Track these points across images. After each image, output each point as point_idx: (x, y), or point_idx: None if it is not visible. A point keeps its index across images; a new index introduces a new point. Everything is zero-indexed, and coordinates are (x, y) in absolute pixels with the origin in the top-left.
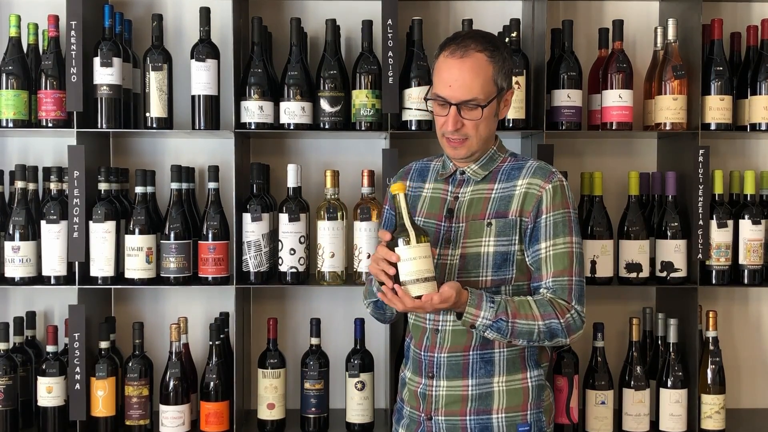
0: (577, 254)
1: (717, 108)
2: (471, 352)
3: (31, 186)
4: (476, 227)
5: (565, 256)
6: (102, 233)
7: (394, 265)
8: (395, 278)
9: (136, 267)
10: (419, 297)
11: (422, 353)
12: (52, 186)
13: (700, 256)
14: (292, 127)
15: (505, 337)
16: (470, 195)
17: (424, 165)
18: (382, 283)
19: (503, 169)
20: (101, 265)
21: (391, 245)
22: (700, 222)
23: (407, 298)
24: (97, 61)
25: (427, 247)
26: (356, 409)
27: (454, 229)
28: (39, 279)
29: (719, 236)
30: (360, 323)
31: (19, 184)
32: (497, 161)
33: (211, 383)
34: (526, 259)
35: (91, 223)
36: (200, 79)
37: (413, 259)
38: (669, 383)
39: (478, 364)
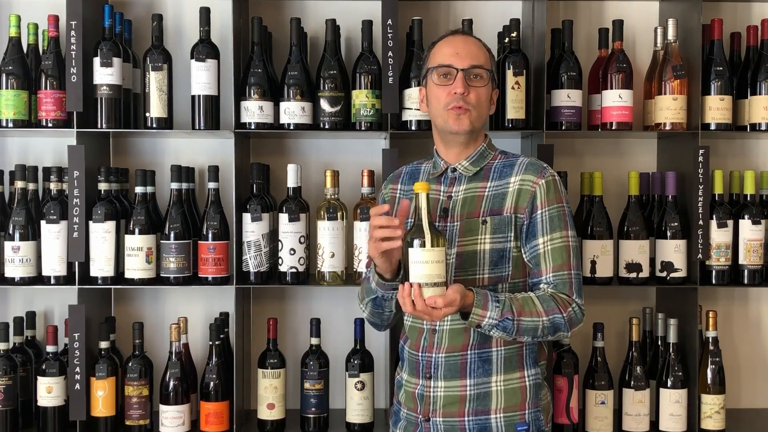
0: (574, 248)
1: (717, 108)
2: (469, 351)
3: (31, 186)
4: (471, 225)
5: (563, 250)
6: (102, 233)
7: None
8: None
9: (136, 267)
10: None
11: (419, 354)
12: (52, 186)
13: (700, 256)
14: (292, 127)
15: (511, 335)
16: (464, 193)
17: (414, 168)
18: (384, 279)
19: (495, 167)
20: (101, 265)
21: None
22: (700, 222)
23: (419, 300)
24: (97, 61)
25: (441, 252)
26: (356, 409)
27: (449, 228)
28: (39, 279)
29: (719, 236)
30: (360, 323)
31: (19, 184)
32: (488, 158)
33: (211, 383)
34: (523, 256)
35: (91, 223)
36: (200, 79)
37: (426, 263)
38: (669, 383)
39: (476, 363)
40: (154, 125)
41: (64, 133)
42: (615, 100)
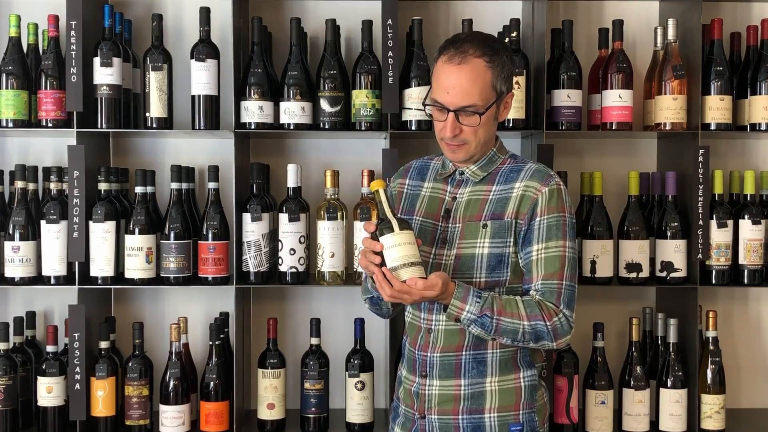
0: (570, 259)
1: (717, 108)
2: (464, 352)
3: (31, 186)
4: (472, 228)
5: (556, 259)
6: (102, 233)
7: (381, 255)
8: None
9: (136, 267)
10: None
11: (416, 352)
12: (52, 186)
13: (700, 256)
14: (292, 127)
15: (489, 334)
16: (468, 196)
17: (424, 163)
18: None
19: (502, 171)
20: (101, 265)
21: (375, 237)
22: (700, 222)
23: (395, 281)
24: (97, 61)
25: (410, 235)
26: (356, 409)
27: (450, 229)
28: (39, 279)
29: (719, 236)
30: (360, 323)
31: (19, 184)
32: (497, 163)
33: (211, 383)
34: (520, 262)
35: (91, 223)
36: (200, 79)
37: (398, 246)
38: (669, 383)
39: (470, 364)
40: (154, 125)
41: (64, 133)
42: (615, 100)
